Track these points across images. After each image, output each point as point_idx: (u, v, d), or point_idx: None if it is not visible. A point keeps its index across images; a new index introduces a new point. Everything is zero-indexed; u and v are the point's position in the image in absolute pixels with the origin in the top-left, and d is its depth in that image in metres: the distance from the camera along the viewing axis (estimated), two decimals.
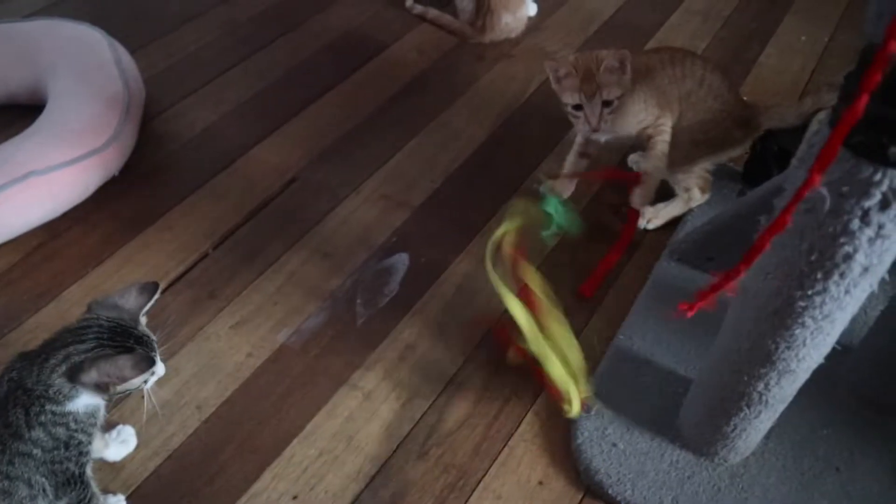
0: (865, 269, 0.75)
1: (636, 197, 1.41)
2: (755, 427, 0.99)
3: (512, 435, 1.13)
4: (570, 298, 1.31)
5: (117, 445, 1.07)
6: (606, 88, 1.30)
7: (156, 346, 0.96)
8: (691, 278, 1.30)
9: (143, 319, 0.97)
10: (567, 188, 1.47)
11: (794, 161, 1.28)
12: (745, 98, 1.45)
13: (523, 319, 1.07)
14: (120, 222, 1.42)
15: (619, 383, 1.16)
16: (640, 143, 1.40)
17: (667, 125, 1.36)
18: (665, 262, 1.34)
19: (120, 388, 0.91)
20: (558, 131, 1.64)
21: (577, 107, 1.33)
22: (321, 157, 1.58)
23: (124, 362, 0.89)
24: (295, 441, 1.11)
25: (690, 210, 1.44)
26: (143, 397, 0.97)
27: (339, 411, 1.15)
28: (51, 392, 0.88)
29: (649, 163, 1.38)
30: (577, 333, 1.25)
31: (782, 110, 1.39)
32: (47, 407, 0.88)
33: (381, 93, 1.75)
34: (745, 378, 0.92)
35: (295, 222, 1.44)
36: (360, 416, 1.15)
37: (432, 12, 1.96)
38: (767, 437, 1.07)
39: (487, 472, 1.09)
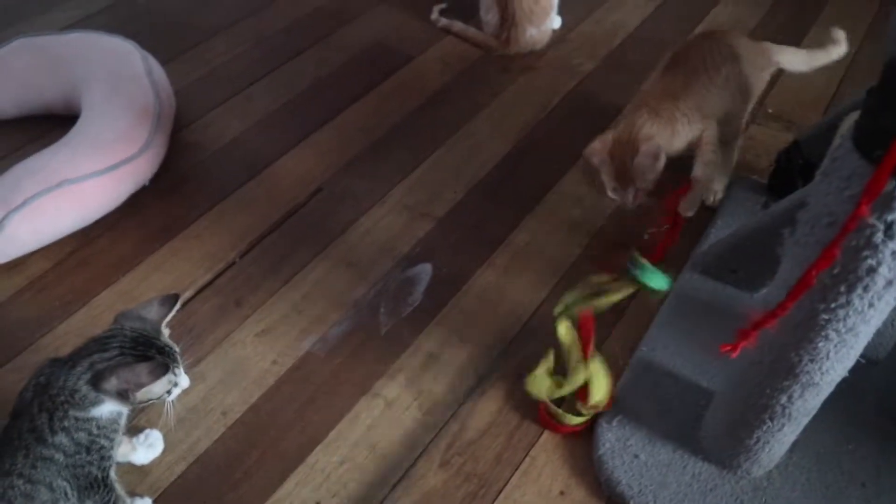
0: (889, 283, 0.75)
1: (687, 204, 1.41)
2: (778, 440, 0.99)
3: (534, 444, 1.13)
4: None
5: (145, 449, 1.09)
6: (640, 179, 1.34)
7: (178, 356, 0.99)
8: (714, 290, 1.30)
9: (165, 330, 1.00)
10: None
11: (817, 175, 1.27)
12: (756, 42, 1.51)
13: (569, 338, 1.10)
14: (150, 230, 1.45)
15: (642, 395, 1.16)
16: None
17: (712, 130, 1.38)
18: (688, 274, 1.34)
19: (141, 396, 0.93)
20: (582, 144, 1.64)
21: (616, 190, 1.39)
22: (346, 168, 1.60)
23: (141, 369, 0.91)
24: (318, 448, 1.13)
25: (714, 222, 1.43)
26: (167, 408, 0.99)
27: (362, 419, 1.16)
28: (76, 398, 0.91)
29: (699, 170, 1.39)
30: (599, 344, 1.26)
31: (790, 52, 1.52)
32: (71, 412, 0.91)
33: (406, 104, 1.77)
34: (769, 390, 0.92)
35: (320, 232, 1.46)
36: (383, 423, 1.16)
37: (457, 25, 1.97)
38: (791, 450, 1.06)
39: (509, 481, 1.09)
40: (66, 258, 1.40)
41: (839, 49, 1.54)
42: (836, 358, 0.84)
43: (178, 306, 1.02)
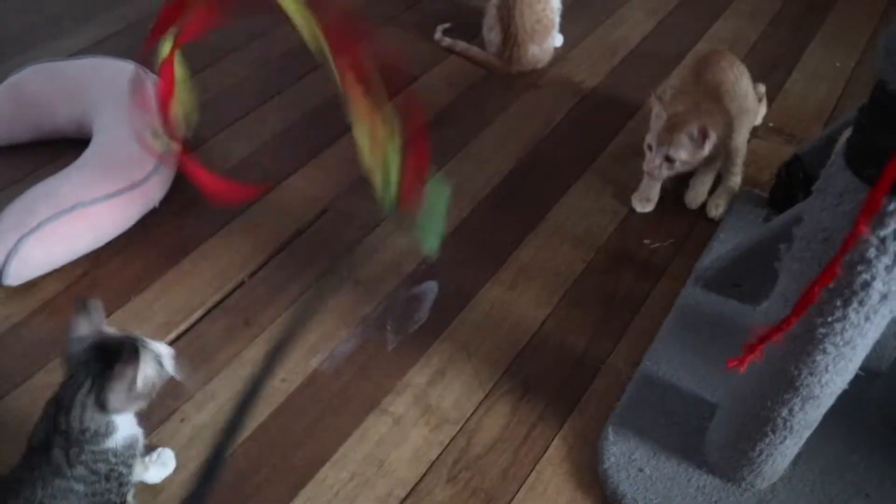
0: (884, 296, 0.76)
1: (714, 209, 1.51)
2: (781, 452, 1.00)
3: (540, 459, 1.15)
4: (596, 325, 1.33)
5: (157, 468, 1.11)
6: (675, 148, 1.38)
7: (138, 336, 0.97)
8: (717, 304, 1.31)
9: (107, 329, 0.99)
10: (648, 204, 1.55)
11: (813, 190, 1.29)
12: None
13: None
14: (160, 252, 1.47)
15: (646, 408, 1.17)
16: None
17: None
18: (691, 288, 1.35)
19: (144, 388, 0.93)
20: (585, 160, 1.67)
21: (649, 147, 1.43)
22: (352, 187, 1.62)
23: (121, 366, 0.90)
24: (327, 465, 1.14)
25: (716, 236, 1.45)
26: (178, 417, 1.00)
27: (370, 435, 1.18)
28: (87, 435, 0.91)
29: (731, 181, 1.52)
30: (603, 360, 1.28)
31: None
32: (87, 447, 0.92)
33: (411, 123, 1.79)
34: (769, 403, 0.93)
35: (327, 251, 1.48)
36: (391, 440, 1.17)
37: (460, 45, 2.00)
38: (795, 462, 1.07)
39: (515, 495, 1.11)
40: (79, 280, 1.42)
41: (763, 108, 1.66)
42: (835, 371, 0.86)
43: (97, 304, 0.99)
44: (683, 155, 1.39)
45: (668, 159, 1.40)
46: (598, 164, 1.67)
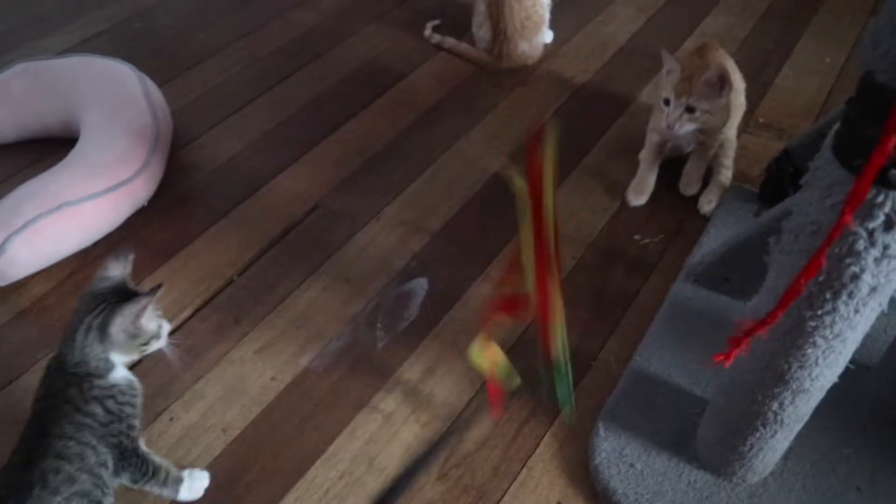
0: (873, 289, 0.76)
1: (707, 205, 1.52)
2: (772, 447, 1.00)
3: (530, 456, 1.14)
4: (586, 321, 1.33)
5: (189, 487, 1.08)
6: (696, 96, 1.38)
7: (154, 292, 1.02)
8: (708, 300, 1.31)
9: (130, 283, 1.04)
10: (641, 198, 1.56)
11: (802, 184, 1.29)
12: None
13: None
14: (148, 250, 1.46)
15: (637, 404, 1.17)
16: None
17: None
18: (681, 283, 1.35)
19: (143, 334, 0.99)
20: (574, 156, 1.67)
21: (666, 101, 1.43)
22: (342, 185, 1.61)
23: (132, 303, 0.97)
24: (317, 463, 1.14)
25: (706, 231, 1.45)
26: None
27: (360, 433, 1.17)
28: (92, 366, 0.97)
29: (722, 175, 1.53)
30: (594, 356, 1.27)
31: None
32: (94, 382, 0.96)
33: (401, 121, 1.79)
34: (760, 398, 0.93)
35: (317, 249, 1.47)
36: (381, 438, 1.17)
37: (450, 41, 2.00)
38: (786, 456, 1.07)
39: (506, 492, 1.10)
40: (67, 279, 1.41)
41: None
42: (825, 364, 0.86)
43: (131, 256, 1.05)
44: (704, 104, 1.38)
45: (689, 109, 1.40)
46: (588, 160, 1.66)
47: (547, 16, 1.94)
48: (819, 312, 0.80)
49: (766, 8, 2.18)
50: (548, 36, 2.00)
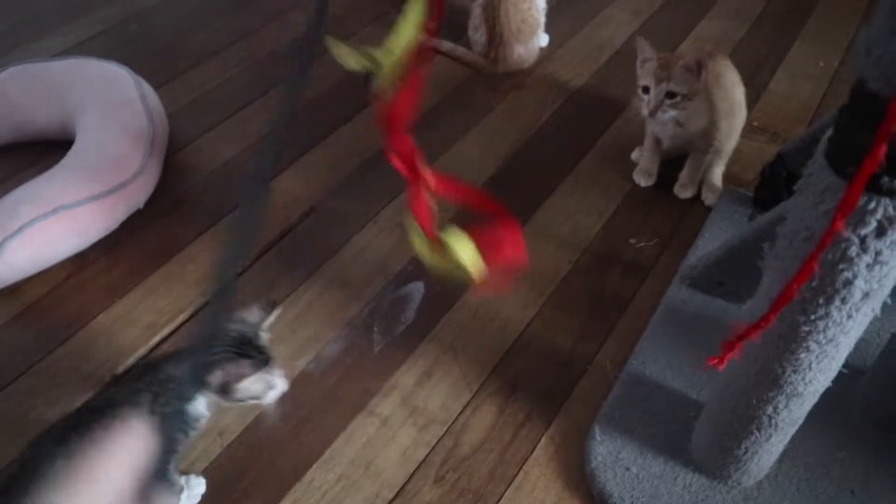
0: (866, 294, 0.77)
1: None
2: (766, 450, 1.01)
3: (527, 459, 1.15)
4: (582, 325, 1.33)
5: (188, 495, 1.09)
6: (675, 81, 1.40)
7: (273, 357, 1.02)
8: (702, 303, 1.32)
9: (263, 335, 1.03)
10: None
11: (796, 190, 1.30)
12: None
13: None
14: (145, 254, 1.46)
15: (632, 407, 1.17)
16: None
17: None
18: (676, 287, 1.35)
19: (240, 393, 0.97)
20: (570, 160, 1.67)
21: (646, 89, 1.44)
22: (339, 188, 1.62)
23: (244, 363, 0.96)
24: (314, 466, 1.14)
25: (701, 235, 1.46)
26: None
27: (357, 437, 1.18)
28: (180, 389, 0.94)
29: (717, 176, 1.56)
30: (590, 360, 1.28)
31: None
32: (173, 401, 0.94)
33: None
34: (754, 401, 0.93)
35: (313, 252, 1.47)
36: (378, 441, 1.17)
37: (446, 45, 2.00)
38: (781, 460, 1.07)
39: (503, 496, 1.11)
40: (63, 283, 1.41)
41: None
42: (819, 368, 0.86)
43: (278, 310, 1.06)
44: (684, 88, 1.40)
45: (670, 94, 1.41)
46: (583, 163, 1.67)
47: (542, 19, 1.95)
48: (812, 317, 0.80)
49: (760, 12, 2.19)
50: (543, 39, 2.01)
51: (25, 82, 1.66)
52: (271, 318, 1.05)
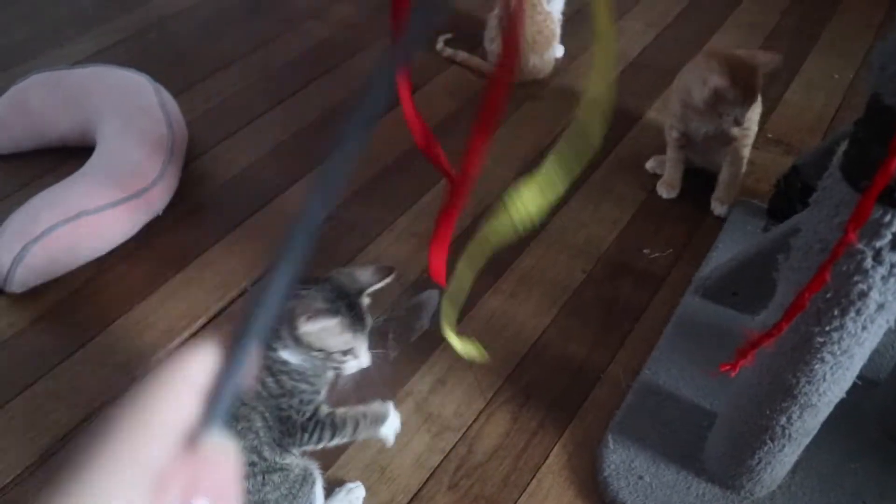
0: (881, 306, 0.77)
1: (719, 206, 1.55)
2: (780, 460, 1.01)
3: (540, 467, 1.15)
4: (596, 334, 1.34)
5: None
6: (759, 91, 1.38)
7: (366, 329, 0.97)
8: (716, 314, 1.32)
9: (366, 299, 0.98)
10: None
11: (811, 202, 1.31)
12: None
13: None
14: (163, 259, 1.48)
15: (645, 417, 1.18)
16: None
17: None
18: (690, 297, 1.36)
19: (313, 339, 0.90)
20: (585, 171, 1.68)
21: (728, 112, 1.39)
22: (354, 197, 1.63)
23: (308, 302, 0.88)
24: (329, 471, 1.15)
25: (715, 246, 1.46)
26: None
27: (372, 443, 1.18)
28: (275, 335, 0.90)
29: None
30: (603, 369, 1.28)
31: None
32: (270, 354, 0.90)
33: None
34: (768, 412, 0.94)
35: (329, 260, 1.49)
36: (393, 447, 1.18)
37: (462, 55, 2.02)
38: (794, 470, 1.08)
39: (516, 503, 1.11)
40: (83, 287, 1.43)
41: None
42: (833, 380, 0.87)
43: (389, 279, 0.99)
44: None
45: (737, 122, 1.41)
46: (597, 174, 1.68)
47: (558, 31, 1.96)
48: (827, 329, 0.81)
49: (774, 24, 2.19)
50: (559, 50, 2.02)
51: (47, 90, 1.68)
52: (380, 285, 0.98)
